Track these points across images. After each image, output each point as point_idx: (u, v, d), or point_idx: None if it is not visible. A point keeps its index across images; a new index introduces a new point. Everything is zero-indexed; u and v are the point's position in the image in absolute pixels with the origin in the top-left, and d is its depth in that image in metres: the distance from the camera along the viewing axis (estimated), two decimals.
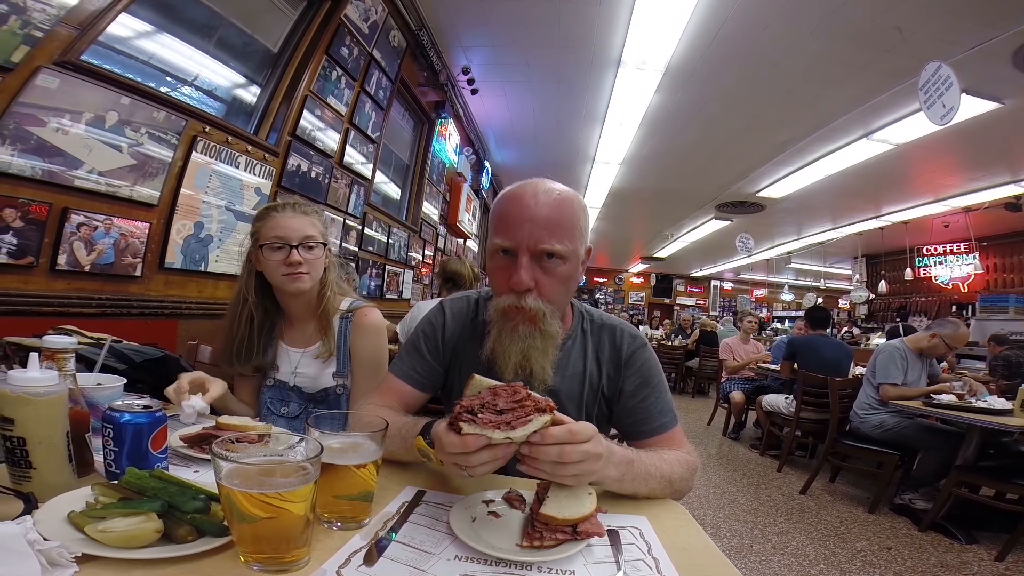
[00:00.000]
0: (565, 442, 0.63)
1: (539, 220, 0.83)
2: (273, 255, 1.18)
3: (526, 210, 0.84)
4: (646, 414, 0.94)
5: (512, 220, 0.85)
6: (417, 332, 1.03)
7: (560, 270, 0.86)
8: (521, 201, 0.85)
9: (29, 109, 1.40)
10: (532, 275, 0.84)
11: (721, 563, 0.64)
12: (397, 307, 4.01)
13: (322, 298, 1.25)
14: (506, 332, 0.87)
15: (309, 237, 1.20)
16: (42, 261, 1.48)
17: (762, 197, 7.28)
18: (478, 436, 0.61)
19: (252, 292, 1.24)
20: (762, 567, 2.30)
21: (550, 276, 0.85)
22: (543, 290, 0.85)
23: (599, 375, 0.97)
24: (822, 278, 13.94)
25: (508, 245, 0.85)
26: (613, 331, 0.99)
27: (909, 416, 2.96)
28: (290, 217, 1.20)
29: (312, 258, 1.20)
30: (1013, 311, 6.93)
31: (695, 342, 7.81)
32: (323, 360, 1.24)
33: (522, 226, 0.83)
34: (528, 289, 0.84)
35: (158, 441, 0.70)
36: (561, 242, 0.84)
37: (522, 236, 0.83)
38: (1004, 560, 2.37)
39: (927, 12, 3.06)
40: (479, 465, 0.63)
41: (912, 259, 9.53)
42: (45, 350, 0.80)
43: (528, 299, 0.84)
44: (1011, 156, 5.29)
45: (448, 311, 1.03)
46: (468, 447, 0.61)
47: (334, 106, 2.81)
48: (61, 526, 0.54)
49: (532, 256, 0.84)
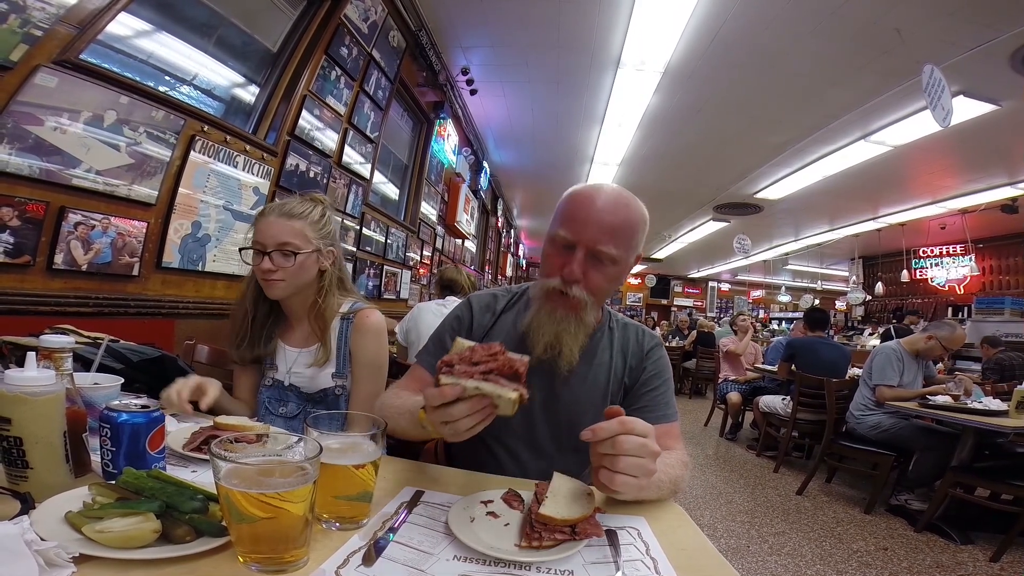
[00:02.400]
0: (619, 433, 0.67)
1: (604, 224, 0.91)
2: (254, 259, 1.19)
3: (594, 212, 0.91)
4: (654, 403, 1.02)
5: (580, 217, 0.92)
6: (445, 325, 1.12)
7: (610, 270, 0.94)
8: (592, 203, 0.92)
9: (27, 108, 1.39)
10: (584, 269, 0.91)
11: (719, 563, 0.64)
12: (395, 307, 4.01)
13: (315, 304, 1.24)
14: (545, 311, 0.95)
15: (285, 244, 1.16)
16: (39, 260, 1.47)
17: (760, 198, 7.30)
18: (453, 386, 0.65)
19: (251, 288, 1.25)
20: (759, 568, 2.31)
21: (599, 273, 0.93)
22: (590, 284, 0.92)
23: (624, 367, 1.06)
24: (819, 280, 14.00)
25: (570, 238, 0.92)
26: (636, 330, 1.10)
27: (905, 417, 2.98)
28: (272, 222, 1.18)
29: (288, 265, 1.17)
30: (1009, 313, 6.96)
31: (692, 343, 7.84)
32: (319, 366, 1.23)
33: (587, 225, 0.91)
34: (576, 280, 0.91)
35: (155, 441, 0.70)
36: (617, 247, 0.92)
37: (584, 233, 0.91)
38: (999, 561, 2.38)
39: (926, 13, 3.07)
40: (460, 420, 0.67)
41: (909, 261, 9.57)
42: (42, 349, 0.80)
43: (575, 288, 0.92)
44: (1008, 158, 5.31)
45: (475, 305, 1.11)
46: (445, 397, 0.66)
47: (333, 106, 2.80)
48: (58, 526, 0.54)
49: (588, 253, 0.91)
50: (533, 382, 0.92)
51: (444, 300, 2.80)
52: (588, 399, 1.01)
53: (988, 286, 9.00)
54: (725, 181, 6.82)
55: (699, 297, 17.13)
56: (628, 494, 0.70)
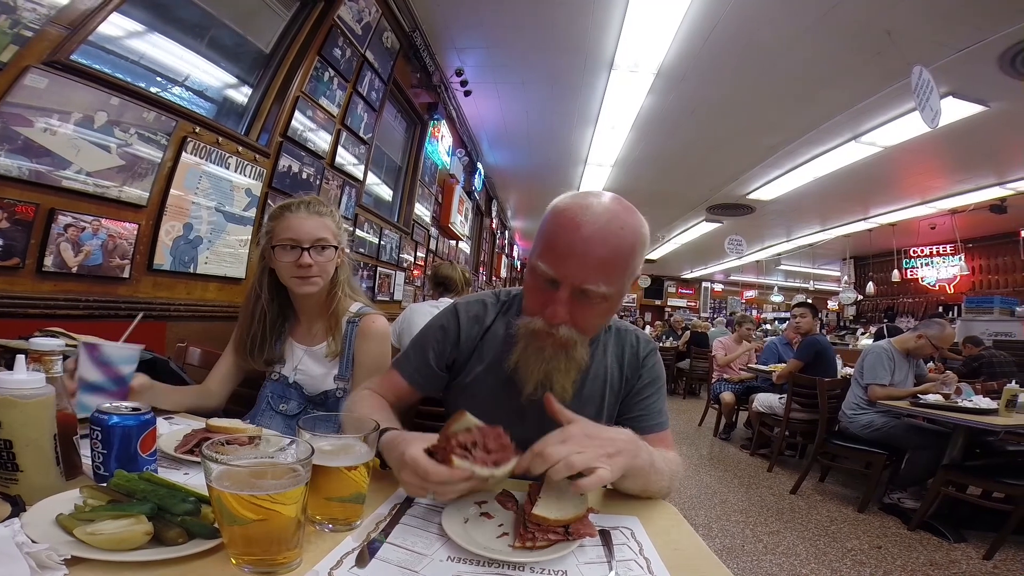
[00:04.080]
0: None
1: (592, 260, 0.77)
2: (285, 256, 1.18)
3: (579, 243, 0.77)
4: (647, 411, 0.98)
5: (562, 248, 0.78)
6: (428, 336, 1.02)
7: (600, 307, 0.82)
8: (578, 231, 0.77)
9: (17, 109, 1.38)
10: (569, 310, 0.80)
11: (712, 563, 0.64)
12: (389, 309, 4.00)
13: (333, 298, 1.25)
14: (532, 351, 0.84)
15: (321, 240, 1.19)
16: (28, 262, 1.46)
17: (752, 199, 7.35)
18: (465, 470, 0.63)
19: (265, 289, 1.25)
20: (754, 567, 2.32)
21: (589, 311, 0.81)
22: (578, 323, 0.82)
23: (620, 377, 1.00)
24: (811, 280, 14.10)
25: (551, 275, 0.79)
26: (631, 336, 1.03)
27: (897, 416, 3.00)
28: (304, 218, 1.19)
29: (323, 260, 1.20)
30: (998, 312, 7.03)
31: (686, 343, 7.87)
32: (329, 359, 1.25)
33: (571, 259, 0.77)
34: (563, 322, 0.81)
35: (147, 443, 0.69)
36: (608, 284, 0.78)
37: (568, 271, 0.78)
38: (992, 558, 2.40)
39: (917, 15, 3.09)
40: (451, 492, 0.66)
41: (899, 261, 9.68)
42: (32, 352, 0.79)
43: (561, 329, 0.81)
44: (996, 158, 5.38)
45: (463, 315, 1.00)
46: (454, 478, 0.63)
47: (326, 107, 2.80)
48: (49, 529, 0.53)
49: (574, 292, 0.79)
50: (527, 409, 0.91)
51: (437, 301, 2.80)
52: (583, 413, 0.95)
53: (978, 285, 9.12)
54: (718, 182, 6.86)
55: (692, 298, 17.21)
56: (615, 470, 0.67)
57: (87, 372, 0.89)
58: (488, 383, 0.96)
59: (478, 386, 0.97)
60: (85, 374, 0.89)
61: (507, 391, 0.92)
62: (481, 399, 0.95)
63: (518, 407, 0.91)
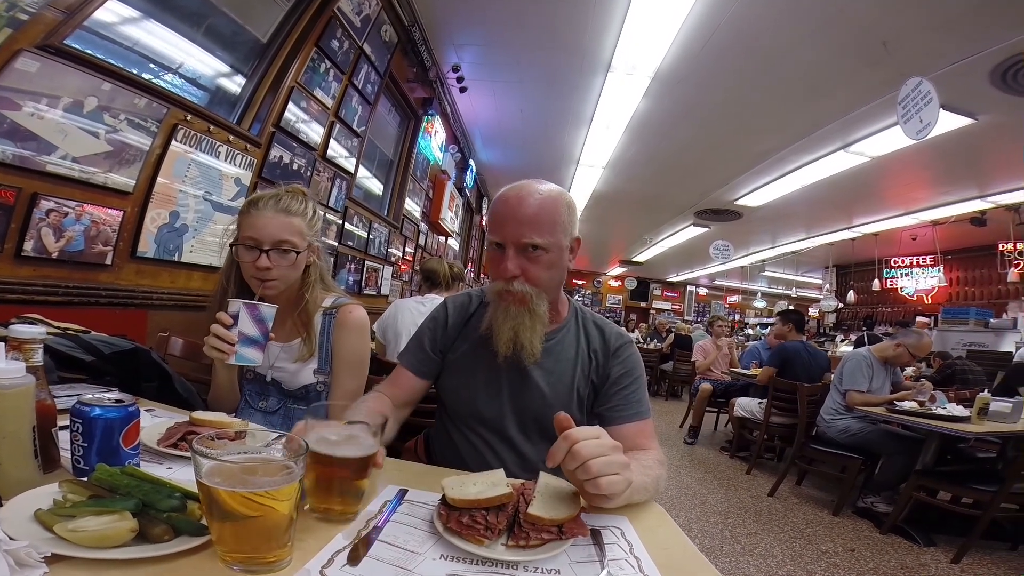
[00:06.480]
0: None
1: (522, 218, 0.95)
2: (245, 255, 1.12)
3: (511, 210, 0.97)
4: (625, 401, 1.04)
5: (500, 219, 0.98)
6: (423, 328, 1.17)
7: (543, 259, 0.98)
8: (508, 203, 0.98)
9: (5, 92, 1.34)
10: (518, 264, 0.96)
11: (700, 563, 0.66)
12: (376, 303, 3.96)
13: (301, 298, 1.20)
14: (500, 311, 1.00)
15: (283, 242, 1.12)
16: (7, 247, 1.41)
17: (740, 205, 7.43)
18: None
19: (232, 283, 1.20)
20: (732, 568, 2.35)
21: (535, 264, 0.97)
22: (529, 276, 0.97)
23: (589, 362, 1.08)
24: (794, 287, 14.30)
25: (498, 240, 0.99)
26: (603, 327, 1.12)
27: (873, 422, 3.07)
28: (269, 217, 1.12)
29: (284, 264, 1.13)
30: (973, 323, 7.22)
31: (670, 346, 7.95)
32: (303, 361, 1.21)
33: (507, 224, 0.97)
34: (514, 276, 0.96)
35: (130, 437, 0.68)
36: (542, 236, 0.96)
37: (508, 232, 0.97)
38: (960, 562, 2.47)
39: (915, 26, 3.11)
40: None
41: (880, 270, 9.86)
42: (12, 340, 0.76)
43: (516, 284, 0.97)
44: (980, 172, 5.48)
45: (451, 306, 1.17)
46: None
47: (320, 99, 2.76)
48: (28, 525, 0.51)
49: (517, 249, 0.96)
50: (502, 375, 1.05)
51: (423, 297, 2.78)
52: (553, 393, 1.04)
53: (954, 296, 9.33)
54: (707, 187, 6.92)
55: (677, 301, 17.35)
56: (617, 494, 0.68)
57: (247, 328, 0.99)
58: (470, 356, 1.10)
59: (463, 360, 1.11)
60: (245, 329, 0.99)
61: (486, 360, 1.05)
62: (465, 369, 1.10)
63: (496, 371, 1.05)
